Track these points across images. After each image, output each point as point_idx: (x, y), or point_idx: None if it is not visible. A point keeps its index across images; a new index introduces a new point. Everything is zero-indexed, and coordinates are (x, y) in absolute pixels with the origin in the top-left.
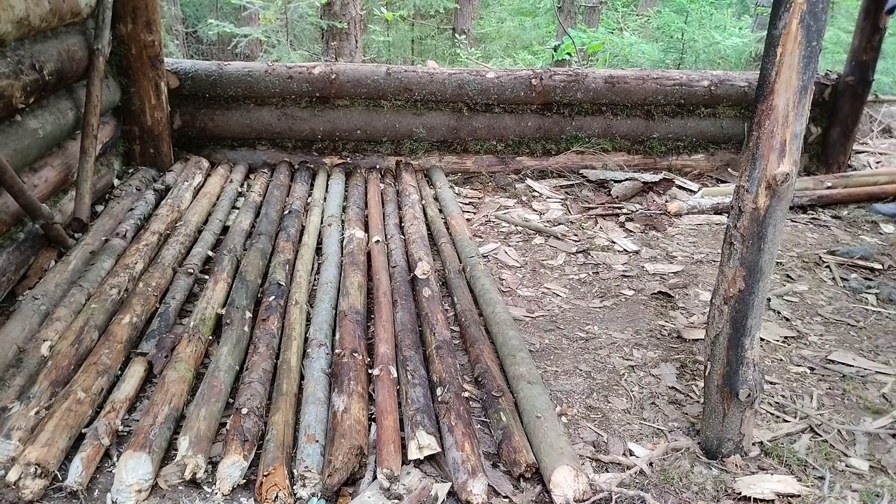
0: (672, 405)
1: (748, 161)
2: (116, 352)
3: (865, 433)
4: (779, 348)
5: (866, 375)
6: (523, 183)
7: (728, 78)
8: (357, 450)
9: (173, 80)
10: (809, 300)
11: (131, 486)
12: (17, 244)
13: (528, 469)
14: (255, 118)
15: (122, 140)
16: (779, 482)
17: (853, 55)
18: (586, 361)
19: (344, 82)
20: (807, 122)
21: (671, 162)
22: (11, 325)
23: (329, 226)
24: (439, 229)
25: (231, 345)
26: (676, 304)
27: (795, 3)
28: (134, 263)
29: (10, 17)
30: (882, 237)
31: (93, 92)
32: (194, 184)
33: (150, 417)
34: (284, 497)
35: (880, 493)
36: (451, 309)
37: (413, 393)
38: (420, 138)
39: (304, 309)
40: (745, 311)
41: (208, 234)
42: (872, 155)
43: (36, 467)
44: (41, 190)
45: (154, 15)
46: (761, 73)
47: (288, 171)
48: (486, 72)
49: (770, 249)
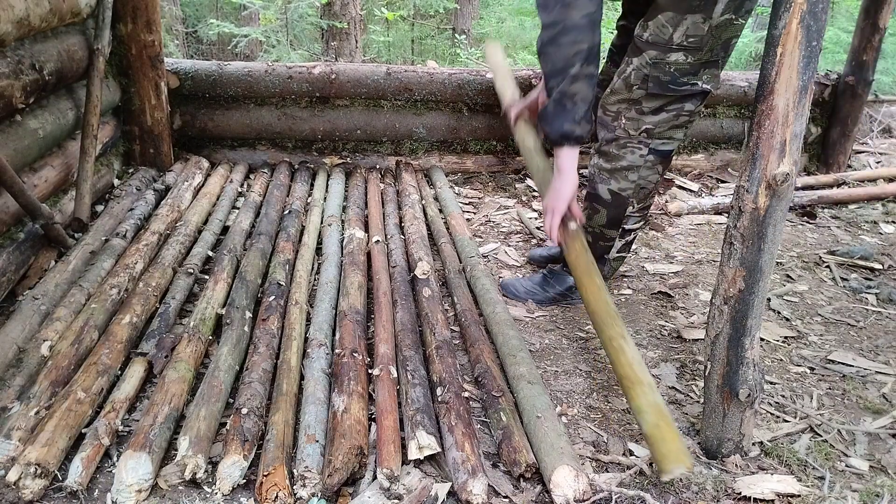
0: (672, 405)
1: (748, 161)
2: (116, 352)
3: (865, 433)
4: (779, 348)
5: (866, 375)
6: (523, 183)
7: (728, 78)
8: (357, 450)
9: (173, 80)
10: (809, 300)
11: (131, 486)
12: (17, 244)
13: (528, 469)
14: (255, 118)
15: (122, 140)
16: (779, 482)
17: (853, 55)
18: (586, 361)
19: (344, 82)
20: (807, 122)
21: (671, 162)
22: (11, 325)
23: (329, 226)
24: (439, 229)
25: (231, 345)
26: (676, 304)
27: (795, 3)
28: (134, 263)
29: (11, 17)
30: (882, 237)
31: (93, 92)
32: (194, 184)
33: (150, 417)
34: (284, 497)
35: (880, 493)
36: (452, 309)
37: (413, 393)
38: (420, 138)
39: (304, 309)
40: (745, 311)
41: (208, 234)
42: (872, 155)
43: (36, 467)
44: (41, 190)
45: (154, 15)
46: (761, 73)
47: (288, 171)
48: (486, 72)
49: (770, 249)
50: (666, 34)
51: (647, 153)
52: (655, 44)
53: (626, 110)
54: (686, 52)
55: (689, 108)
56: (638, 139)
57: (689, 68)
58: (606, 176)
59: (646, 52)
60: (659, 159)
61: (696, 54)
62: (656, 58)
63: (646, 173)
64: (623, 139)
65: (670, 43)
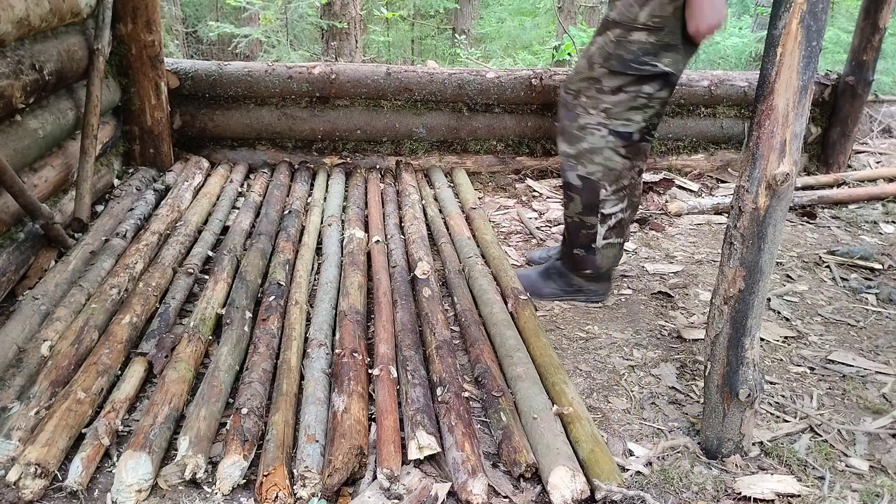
0: (672, 405)
1: (748, 161)
2: (116, 352)
3: (865, 433)
4: (779, 348)
5: (866, 375)
6: (523, 183)
7: (728, 78)
8: (357, 450)
9: (173, 80)
10: (809, 300)
11: (131, 486)
12: (17, 244)
13: (528, 469)
14: (255, 118)
15: (122, 140)
16: (779, 482)
17: (853, 55)
18: (586, 361)
19: (344, 82)
20: (807, 122)
21: (671, 162)
22: (11, 325)
23: (329, 226)
24: (439, 229)
25: (231, 345)
26: (676, 304)
27: (795, 3)
28: (134, 263)
29: (11, 17)
30: (882, 237)
31: (93, 92)
32: (194, 184)
33: (150, 417)
34: (284, 497)
35: (880, 493)
36: (451, 309)
37: (413, 393)
38: (420, 138)
39: (304, 309)
40: (745, 311)
41: (208, 234)
42: (872, 155)
43: (36, 467)
44: (41, 190)
45: (154, 15)
46: (761, 73)
47: (288, 171)
48: (486, 72)
49: (770, 249)
50: (633, 13)
51: (606, 134)
52: (620, 23)
53: (587, 89)
54: (649, 32)
55: (648, 91)
56: (597, 119)
57: (650, 48)
58: (573, 162)
59: (610, 30)
60: (621, 142)
61: (658, 34)
62: (620, 36)
63: (609, 154)
64: (583, 119)
65: (635, 22)
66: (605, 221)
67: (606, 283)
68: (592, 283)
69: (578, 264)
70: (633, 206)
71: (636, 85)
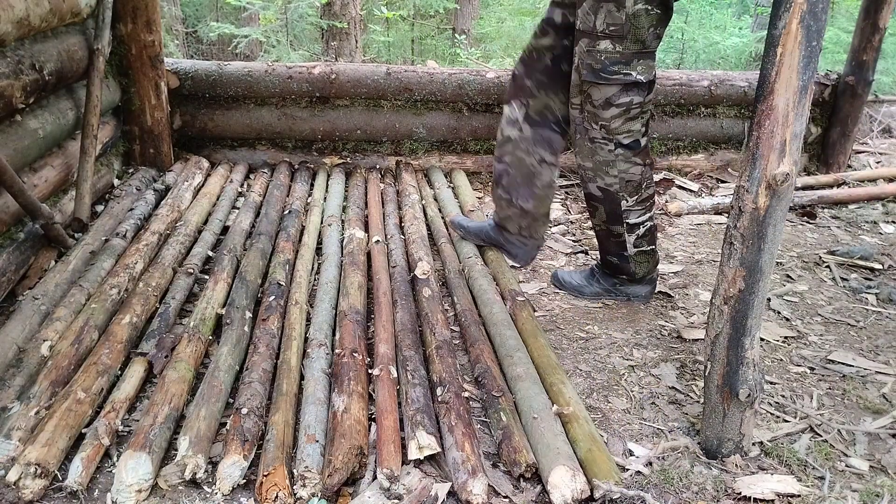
0: (672, 405)
1: (748, 161)
2: (116, 352)
3: (865, 433)
4: (779, 348)
5: (866, 375)
6: None
7: (728, 78)
8: (357, 450)
9: (173, 80)
10: (809, 300)
11: (131, 486)
12: (17, 244)
13: (528, 469)
14: (255, 118)
15: (122, 140)
16: (779, 482)
17: (853, 55)
18: (586, 361)
19: (344, 82)
20: (807, 122)
21: (671, 162)
22: (11, 325)
23: (329, 226)
24: (439, 229)
25: (231, 345)
26: (676, 304)
27: (795, 3)
28: (134, 263)
29: (11, 17)
30: (882, 237)
31: (93, 92)
32: (194, 184)
33: (150, 417)
34: (284, 497)
35: (880, 493)
36: (451, 309)
37: (413, 393)
38: (420, 138)
39: (304, 309)
40: (745, 311)
41: (208, 234)
42: (872, 155)
43: (36, 467)
44: (41, 190)
45: (154, 15)
46: (761, 73)
47: (288, 171)
48: (486, 72)
49: (770, 249)
50: (590, 21)
51: (614, 148)
52: (585, 32)
53: (585, 103)
54: (612, 41)
55: (638, 100)
56: (601, 135)
57: (619, 57)
58: (592, 174)
59: (580, 40)
60: (631, 152)
61: (622, 42)
62: (588, 45)
63: (625, 167)
64: (591, 132)
65: (595, 30)
66: (633, 231)
67: (649, 285)
68: (634, 286)
69: (615, 270)
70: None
71: (623, 96)
